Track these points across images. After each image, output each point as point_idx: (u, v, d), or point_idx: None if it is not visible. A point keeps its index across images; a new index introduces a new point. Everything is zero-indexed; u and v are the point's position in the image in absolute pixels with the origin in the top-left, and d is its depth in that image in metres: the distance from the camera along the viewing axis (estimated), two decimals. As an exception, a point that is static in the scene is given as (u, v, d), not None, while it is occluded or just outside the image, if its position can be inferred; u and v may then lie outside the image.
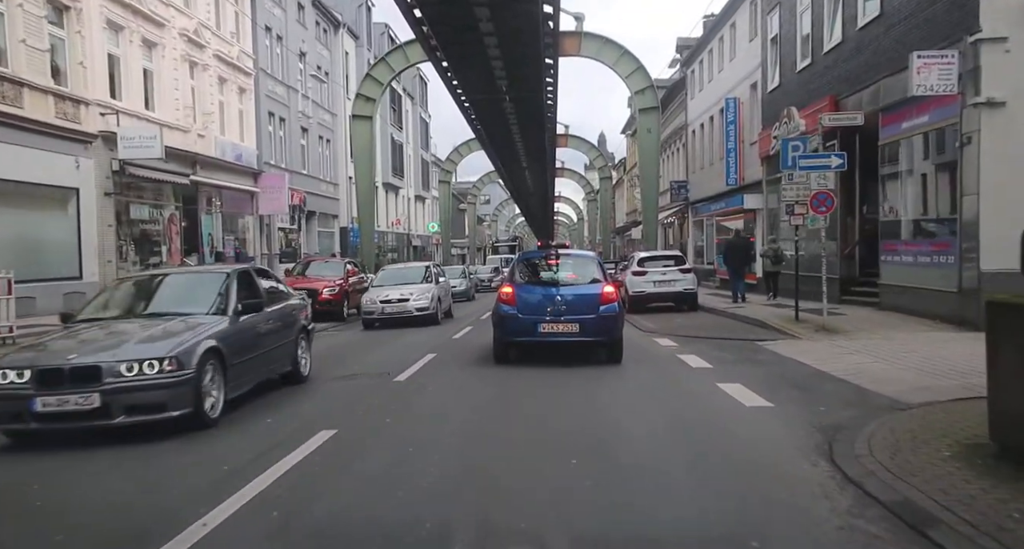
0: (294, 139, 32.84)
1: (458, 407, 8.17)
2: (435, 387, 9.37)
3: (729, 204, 26.02)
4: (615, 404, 8.07)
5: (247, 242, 28.56)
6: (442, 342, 14.77)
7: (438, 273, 20.46)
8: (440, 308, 18.86)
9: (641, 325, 16.94)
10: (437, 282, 19.41)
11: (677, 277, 20.40)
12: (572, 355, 10.91)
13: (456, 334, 15.93)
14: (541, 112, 32.87)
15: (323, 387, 9.53)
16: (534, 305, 10.41)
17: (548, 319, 10.30)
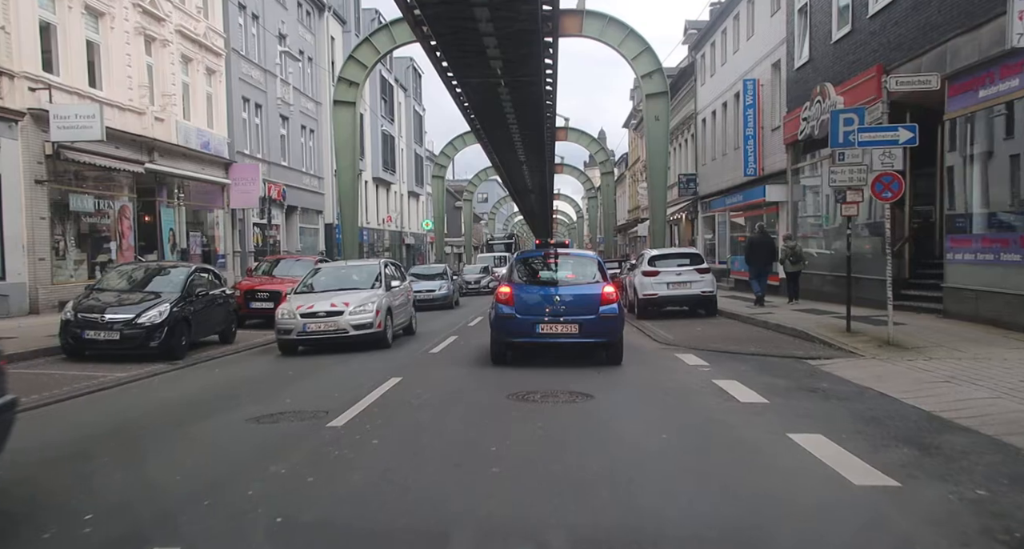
0: (272, 128, 30.12)
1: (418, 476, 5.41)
2: (388, 436, 6.64)
3: (747, 197, 23.34)
4: (657, 488, 5.30)
5: (217, 239, 25.84)
6: (412, 361, 12.08)
7: (393, 274, 14.84)
8: (391, 324, 13.40)
9: (656, 335, 14.23)
10: (389, 287, 13.89)
11: (694, 278, 17.69)
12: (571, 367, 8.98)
13: (428, 350, 13.22)
14: (540, 98, 30.15)
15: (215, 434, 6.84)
16: (533, 305, 10.09)
17: (547, 319, 9.98)
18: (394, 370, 10.28)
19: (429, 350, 12.93)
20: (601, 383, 8.98)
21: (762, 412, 7.06)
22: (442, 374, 10.10)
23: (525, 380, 9.24)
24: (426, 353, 12.51)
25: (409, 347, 13.46)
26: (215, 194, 25.65)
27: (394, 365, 10.89)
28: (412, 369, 10.71)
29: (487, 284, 33.27)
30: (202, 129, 24.03)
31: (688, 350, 11.88)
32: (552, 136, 40.75)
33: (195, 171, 23.63)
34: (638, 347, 12.85)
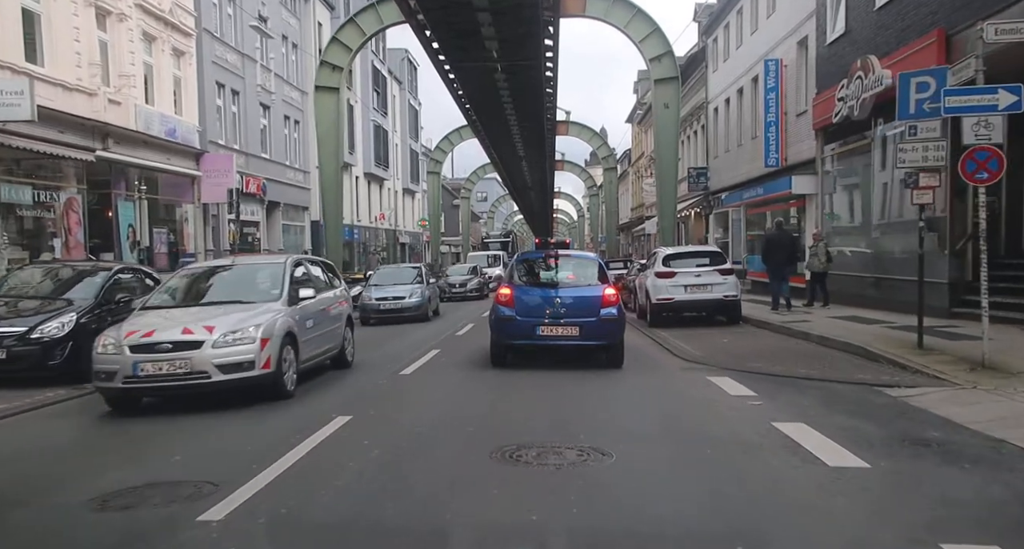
0: (252, 117, 27.71)
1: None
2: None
3: (768, 190, 20.94)
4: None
5: (186, 236, 23.44)
6: (360, 396, 9.69)
7: (305, 279, 9.62)
8: (295, 359, 8.54)
9: (677, 349, 11.82)
10: (296, 301, 8.84)
11: (715, 280, 15.29)
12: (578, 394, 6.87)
13: (382, 382, 10.76)
14: (539, 85, 27.77)
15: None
16: (533, 307, 9.89)
17: (547, 321, 9.79)
18: (346, 409, 7.87)
19: (385, 381, 10.50)
20: (621, 427, 6.58)
21: (877, 491, 4.63)
22: (398, 423, 7.45)
23: (518, 419, 6.87)
24: (382, 386, 9.52)
25: (345, 382, 9.65)
26: (184, 187, 23.24)
27: (305, 419, 7.11)
28: (365, 406, 8.31)
29: (475, 287, 29.24)
30: (167, 115, 21.61)
31: (722, 371, 9.48)
32: (552, 129, 38.35)
33: (159, 161, 21.21)
34: (659, 366, 10.47)
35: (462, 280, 29.49)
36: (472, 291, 28.88)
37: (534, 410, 7.52)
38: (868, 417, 6.59)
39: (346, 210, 38.55)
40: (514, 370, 10.17)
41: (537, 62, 25.22)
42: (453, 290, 28.21)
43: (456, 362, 11.24)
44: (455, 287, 28.58)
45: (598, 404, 7.65)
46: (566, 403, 7.80)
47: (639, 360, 11.10)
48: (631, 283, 21.20)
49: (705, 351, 11.46)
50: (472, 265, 32.94)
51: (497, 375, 9.98)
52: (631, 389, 8.84)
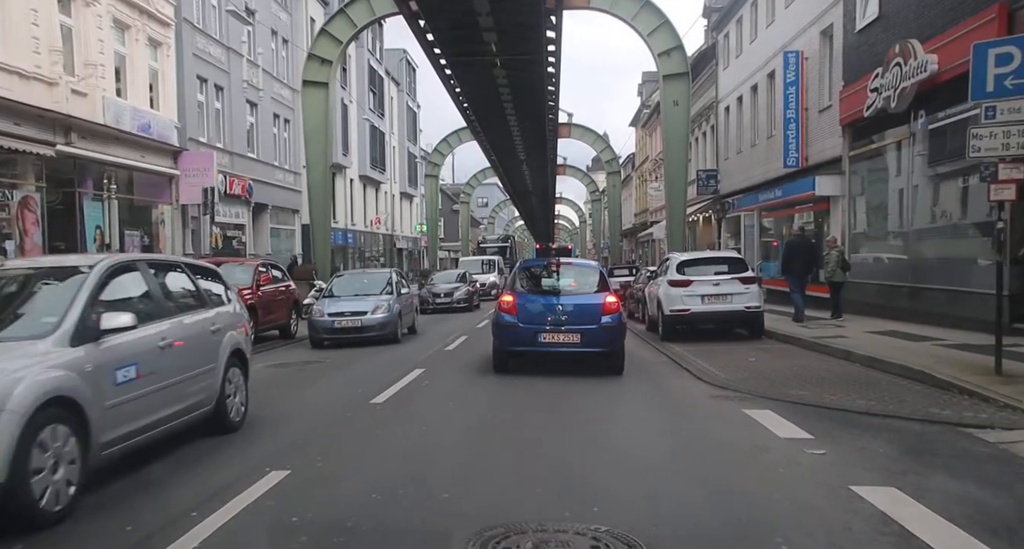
0: (237, 114, 26.07)
1: None
2: None
3: (787, 192, 19.26)
4: None
5: (162, 239, 21.77)
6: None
7: (118, 302, 5.48)
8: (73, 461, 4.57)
9: (700, 370, 10.12)
10: (93, 336, 4.98)
11: (736, 290, 13.60)
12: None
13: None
14: (540, 81, 26.13)
15: None
16: (535, 314, 9.89)
17: (549, 329, 9.77)
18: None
19: (351, 414, 8.78)
20: (649, 494, 4.85)
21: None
22: (347, 482, 5.76)
23: (509, 474, 5.16)
24: (344, 422, 8.23)
25: (305, 409, 8.23)
26: (161, 187, 21.59)
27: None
28: (312, 454, 6.60)
29: (463, 298, 24.92)
30: (141, 109, 19.96)
31: (760, 400, 7.78)
32: (554, 130, 36.69)
33: (132, 158, 19.57)
34: (682, 393, 8.77)
35: (448, 289, 25.12)
36: (459, 302, 24.60)
37: (531, 458, 5.81)
38: (979, 478, 4.88)
39: (340, 213, 36.95)
40: (511, 395, 8.52)
41: (538, 57, 23.59)
42: (437, 301, 24.41)
43: (441, 388, 9.57)
44: (439, 297, 24.63)
45: (614, 453, 5.96)
46: (573, 447, 6.11)
47: (658, 384, 9.42)
48: (639, 292, 19.53)
49: (731, 373, 9.77)
50: (461, 271, 28.16)
51: (489, 400, 8.36)
52: (655, 427, 7.16)
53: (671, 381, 9.66)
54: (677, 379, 9.77)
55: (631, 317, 20.66)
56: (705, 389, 8.82)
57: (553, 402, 8.33)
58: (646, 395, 8.75)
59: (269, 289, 14.57)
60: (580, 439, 6.49)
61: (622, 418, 7.50)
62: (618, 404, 8.17)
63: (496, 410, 8.10)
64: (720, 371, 9.97)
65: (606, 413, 7.67)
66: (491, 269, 34.78)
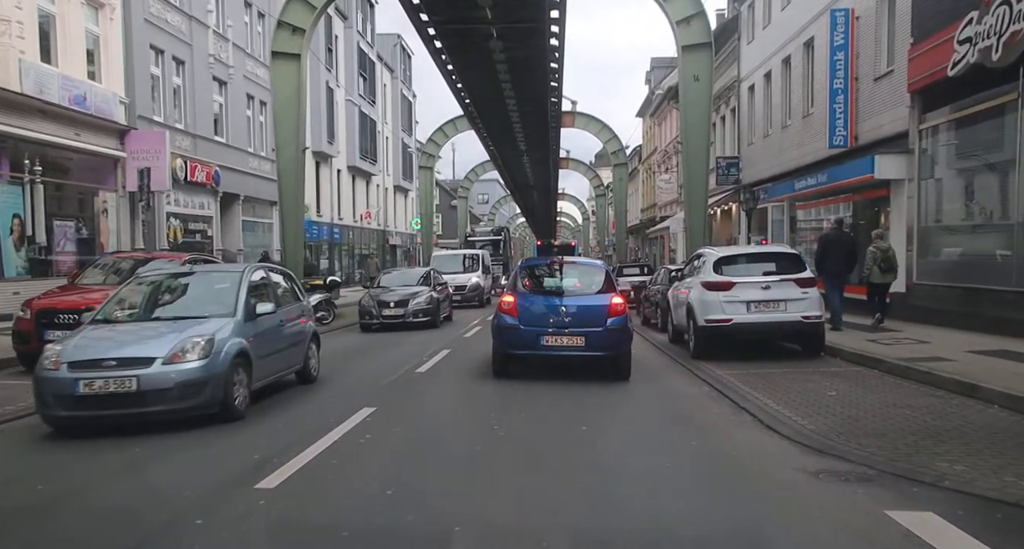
0: (201, 92, 22.93)
1: None
2: None
3: (834, 177, 16.10)
4: None
5: (104, 232, 18.65)
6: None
7: None
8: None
9: (764, 410, 7.02)
10: None
11: (791, 295, 10.47)
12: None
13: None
14: (542, 56, 23.00)
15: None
16: (537, 316, 9.29)
17: (552, 331, 9.16)
18: None
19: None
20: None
21: None
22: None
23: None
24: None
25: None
26: (104, 171, 18.50)
27: None
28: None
29: (422, 308, 16.86)
30: (74, 78, 16.83)
31: (898, 484, 4.67)
32: (557, 117, 33.53)
33: (62, 136, 16.49)
34: (757, 461, 5.55)
35: (400, 297, 16.91)
36: (417, 315, 16.64)
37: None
38: None
39: (325, 206, 33.84)
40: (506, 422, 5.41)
41: (539, 25, 20.46)
42: (384, 314, 16.57)
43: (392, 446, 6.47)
44: (387, 307, 16.62)
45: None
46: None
47: (710, 437, 6.30)
48: (655, 295, 16.41)
49: (814, 417, 6.66)
50: (426, 270, 19.90)
51: (474, 442, 5.27)
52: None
53: (730, 432, 6.50)
54: (738, 429, 6.61)
55: (646, 323, 17.54)
56: (789, 452, 5.68)
57: (560, 425, 5.19)
58: (699, 462, 5.62)
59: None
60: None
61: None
62: (665, 483, 5.03)
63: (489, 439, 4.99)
64: (796, 414, 6.85)
65: (652, 506, 4.54)
66: (474, 266, 26.30)
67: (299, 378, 9.16)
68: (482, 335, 13.65)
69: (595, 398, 8.21)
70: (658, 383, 9.35)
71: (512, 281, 10.34)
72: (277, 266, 10.67)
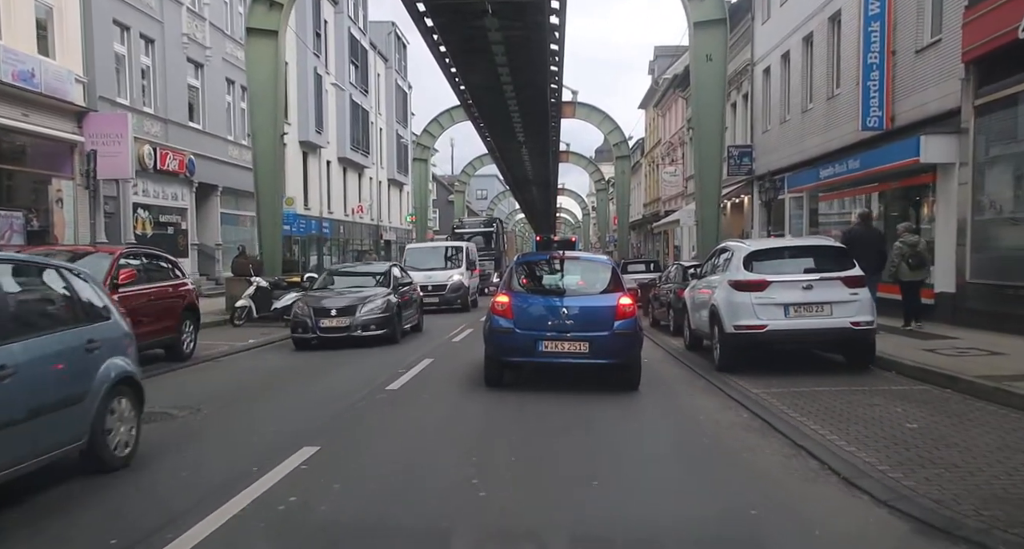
0: (175, 75, 21.12)
1: None
2: None
3: (868, 163, 14.28)
4: None
5: (59, 224, 16.85)
6: None
7: None
8: None
9: (828, 449, 5.22)
10: None
11: (837, 296, 8.72)
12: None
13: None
14: (541, 37, 21.19)
15: None
16: (535, 318, 8.22)
17: (551, 335, 8.07)
18: None
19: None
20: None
21: None
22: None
23: None
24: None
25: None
26: (59, 156, 16.70)
27: None
28: None
29: (378, 318, 12.46)
30: (19, 52, 15.00)
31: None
32: (557, 106, 31.67)
33: (5, 116, 14.69)
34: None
35: (347, 302, 12.49)
36: (368, 326, 12.28)
37: None
38: None
39: (314, 199, 32.05)
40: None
41: (537, 1, 18.68)
42: (322, 325, 12.09)
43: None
44: (327, 316, 12.17)
45: None
46: None
47: (770, 497, 4.49)
48: (667, 294, 14.64)
49: (906, 464, 4.95)
50: (386, 266, 14.95)
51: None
52: None
53: (799, 492, 4.70)
54: (807, 485, 4.79)
55: (655, 325, 15.73)
56: (899, 532, 3.90)
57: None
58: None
59: (135, 291, 9.60)
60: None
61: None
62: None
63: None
64: (880, 459, 5.13)
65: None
66: (456, 262, 21.68)
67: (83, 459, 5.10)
68: (455, 360, 10.60)
69: (606, 427, 6.45)
70: (682, 405, 7.57)
71: (506, 279, 9.15)
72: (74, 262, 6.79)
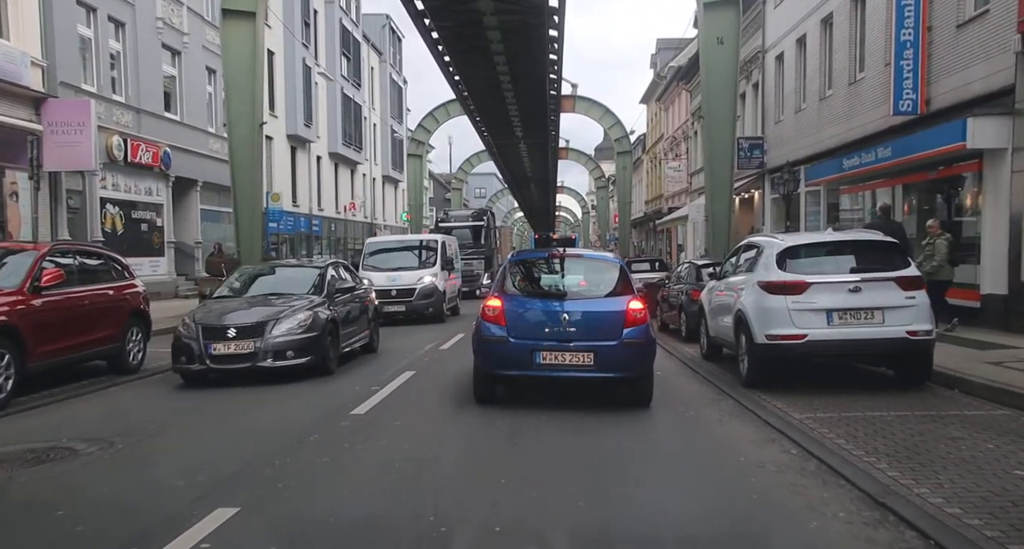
0: (148, 62, 19.67)
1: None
2: None
3: (901, 151, 12.84)
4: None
5: (14, 220, 15.41)
6: None
7: None
8: None
9: (929, 516, 3.70)
10: None
11: (890, 300, 7.31)
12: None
13: None
14: (539, 24, 19.73)
15: None
16: (532, 325, 7.06)
17: (551, 345, 6.90)
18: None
19: None
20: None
21: None
22: None
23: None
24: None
25: None
26: (14, 146, 15.23)
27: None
28: None
29: (295, 345, 8.54)
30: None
31: None
32: (556, 99, 30.16)
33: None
34: None
35: (254, 320, 8.61)
36: (282, 353, 8.45)
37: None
38: None
39: (303, 196, 30.61)
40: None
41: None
42: (213, 352, 8.36)
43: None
44: (222, 340, 8.39)
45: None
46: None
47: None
48: (678, 296, 13.21)
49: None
50: (320, 267, 10.44)
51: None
52: None
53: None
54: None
55: (664, 330, 14.24)
56: None
57: None
58: None
59: (62, 294, 8.13)
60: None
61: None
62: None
63: None
64: (996, 529, 3.64)
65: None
66: (429, 259, 17.52)
67: None
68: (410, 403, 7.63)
69: (619, 466, 5.02)
70: (712, 436, 6.13)
71: (499, 280, 7.88)
72: None
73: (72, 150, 15.63)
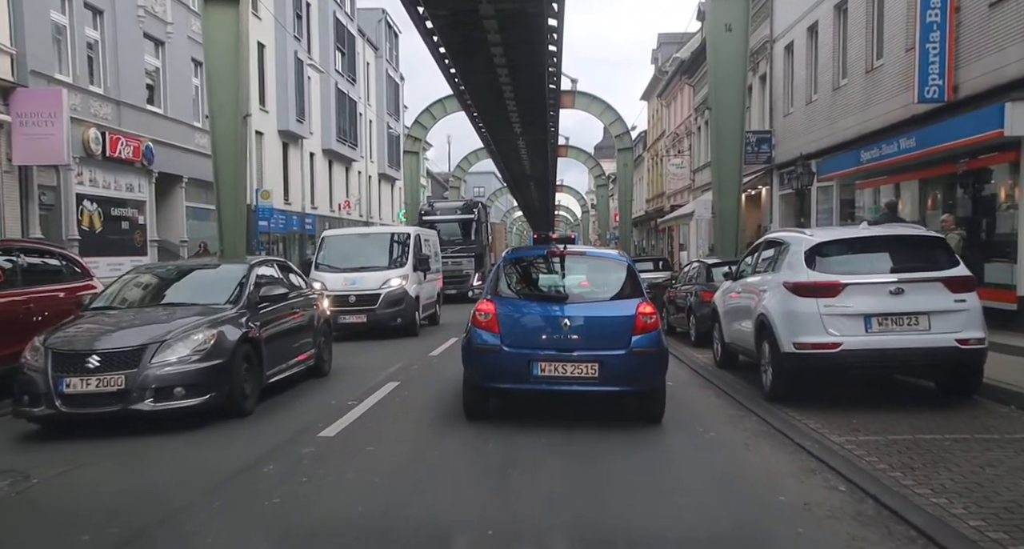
0: (128, 51, 18.68)
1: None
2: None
3: (927, 140, 11.90)
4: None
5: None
6: None
7: None
8: None
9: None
10: None
11: (936, 304, 6.37)
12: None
13: None
14: (539, 10, 18.77)
15: None
16: (528, 332, 6.29)
17: (550, 354, 6.12)
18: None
19: None
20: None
21: None
22: None
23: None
24: None
25: None
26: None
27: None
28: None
29: (189, 379, 6.17)
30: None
31: None
32: (555, 93, 29.19)
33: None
34: None
35: (125, 345, 6.14)
36: (170, 389, 6.11)
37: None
38: None
39: (295, 193, 29.65)
40: None
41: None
42: (67, 390, 5.98)
43: None
44: (80, 373, 5.98)
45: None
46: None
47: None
48: (686, 298, 12.29)
49: None
50: (241, 271, 7.72)
51: None
52: None
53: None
54: None
55: (671, 333, 13.20)
56: None
57: None
58: None
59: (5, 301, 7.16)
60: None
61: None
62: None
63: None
64: None
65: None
66: (401, 258, 14.54)
67: None
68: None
69: (628, 509, 4.06)
70: (740, 464, 5.18)
71: (492, 282, 7.07)
72: None
73: (43, 142, 14.65)
